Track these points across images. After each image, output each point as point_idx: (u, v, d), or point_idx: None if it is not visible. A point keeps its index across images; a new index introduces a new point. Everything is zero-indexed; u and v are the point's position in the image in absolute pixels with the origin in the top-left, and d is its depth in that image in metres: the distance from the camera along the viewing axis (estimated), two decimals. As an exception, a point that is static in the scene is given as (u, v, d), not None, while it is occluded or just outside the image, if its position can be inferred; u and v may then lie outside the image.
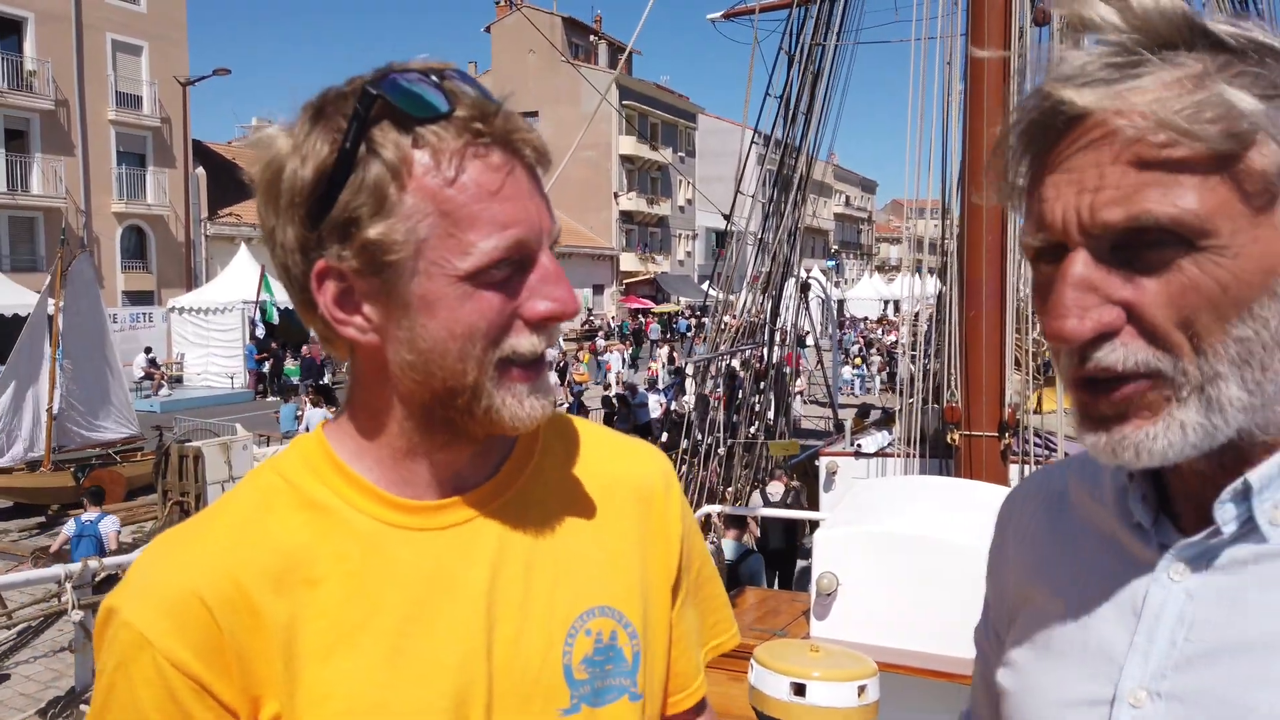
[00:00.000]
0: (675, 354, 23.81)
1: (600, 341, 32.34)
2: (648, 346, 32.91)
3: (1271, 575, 0.65)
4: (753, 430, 10.33)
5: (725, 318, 11.31)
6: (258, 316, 22.62)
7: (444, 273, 0.75)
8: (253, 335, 23.21)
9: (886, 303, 40.36)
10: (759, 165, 11.18)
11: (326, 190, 0.74)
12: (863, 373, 25.33)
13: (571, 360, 24.06)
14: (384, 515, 0.82)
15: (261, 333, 23.09)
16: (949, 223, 8.69)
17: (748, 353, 10.93)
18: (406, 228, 0.74)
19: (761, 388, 10.93)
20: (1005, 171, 0.69)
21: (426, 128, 0.74)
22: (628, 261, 49.90)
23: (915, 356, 8.33)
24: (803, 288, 12.36)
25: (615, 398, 18.10)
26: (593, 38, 52.03)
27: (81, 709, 5.56)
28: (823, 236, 64.37)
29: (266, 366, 23.30)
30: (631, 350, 30.28)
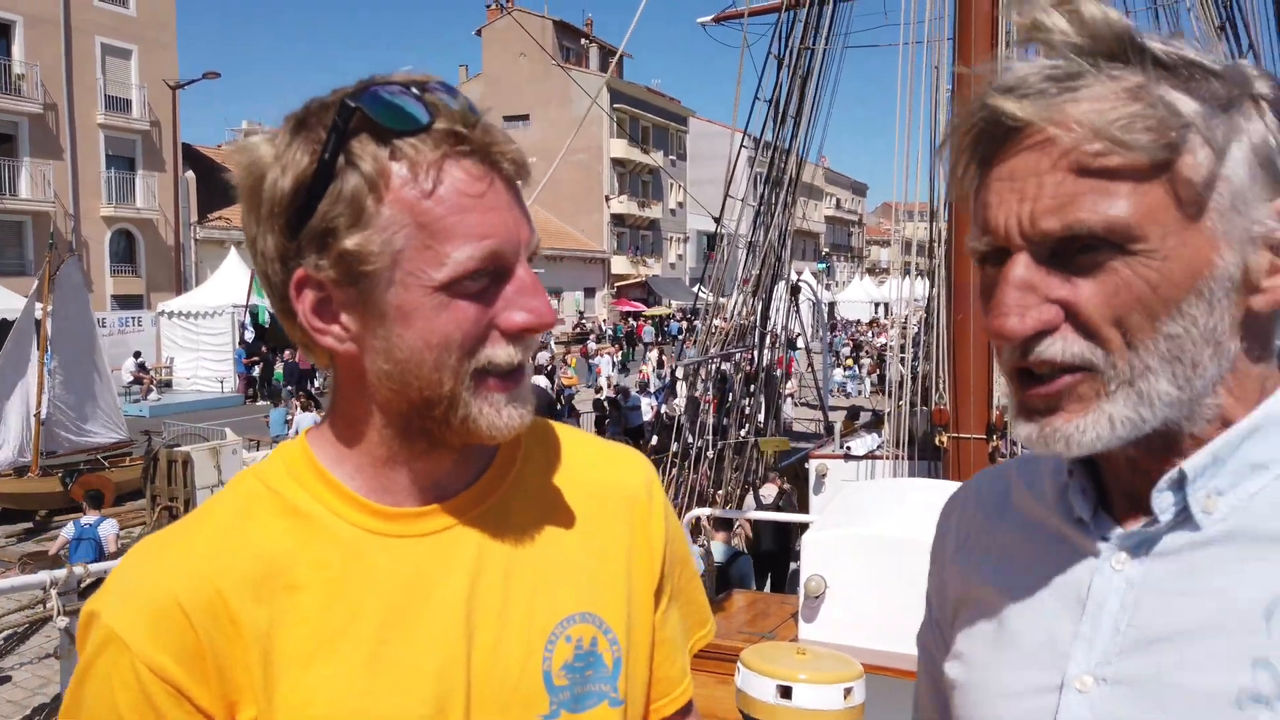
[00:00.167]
0: (665, 357, 23.79)
1: (591, 345, 32.33)
2: (640, 350, 32.90)
3: (1204, 562, 0.69)
4: (743, 433, 10.35)
5: (716, 320, 11.33)
6: (248, 320, 22.55)
7: (419, 283, 0.76)
8: (242, 339, 23.12)
9: (877, 305, 40.45)
10: (749, 168, 11.21)
11: (305, 200, 0.75)
12: (855, 373, 25.39)
13: (560, 364, 24.03)
14: (364, 522, 0.83)
15: (251, 336, 23.00)
16: (937, 226, 8.74)
17: (738, 355, 10.95)
18: (383, 239, 0.75)
19: (752, 390, 10.94)
20: (953, 175, 0.73)
21: (404, 140, 0.75)
22: (619, 264, 49.90)
23: (904, 359, 8.36)
24: (793, 290, 12.39)
25: (606, 400, 18.08)
26: (584, 41, 52.06)
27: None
28: (813, 239, 64.51)
29: (256, 371, 23.22)
30: (623, 354, 30.26)
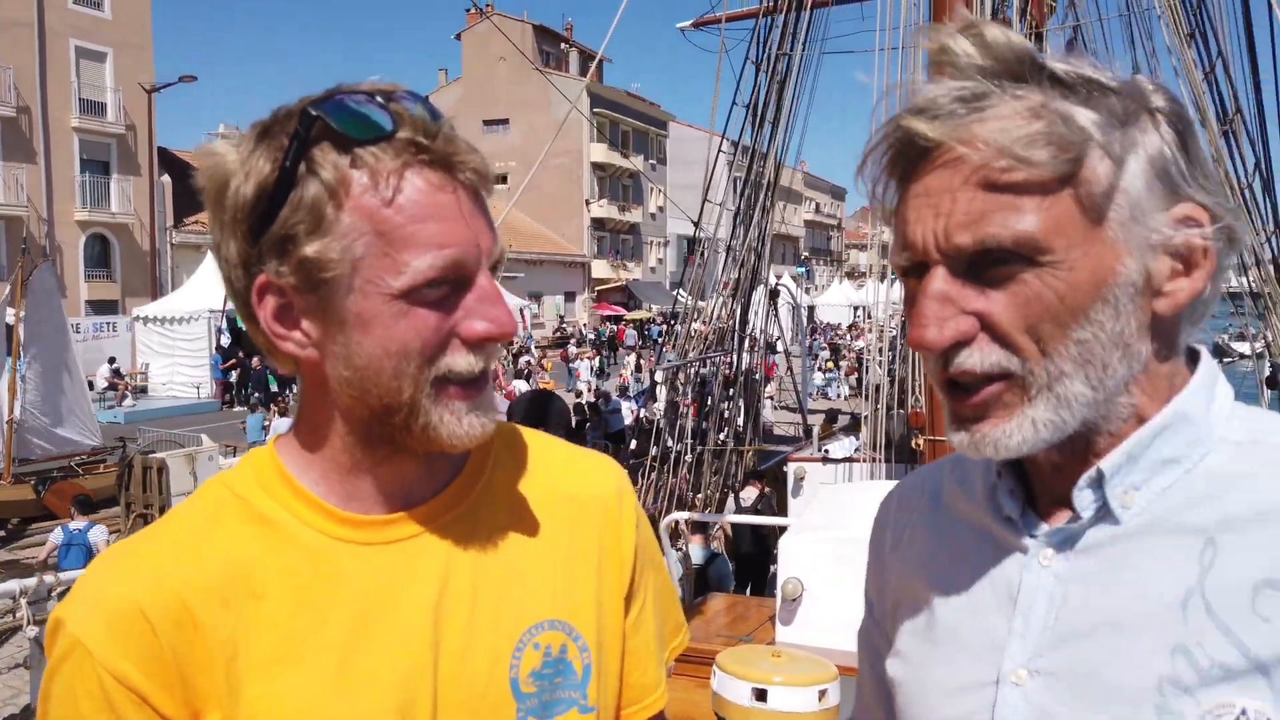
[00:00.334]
0: (644, 361, 23.78)
1: (572, 349, 32.27)
2: (621, 354, 32.87)
3: (1124, 555, 0.72)
4: (722, 437, 10.37)
5: (695, 324, 11.34)
6: (224, 325, 22.34)
7: (379, 291, 0.76)
8: (218, 345, 22.91)
9: (856, 309, 40.63)
10: (728, 172, 11.24)
11: (267, 207, 0.76)
12: (835, 376, 25.50)
13: (536, 368, 23.99)
14: (331, 530, 0.83)
15: (227, 341, 22.80)
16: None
17: (717, 359, 10.97)
18: (342, 246, 0.76)
19: (731, 394, 10.97)
20: (872, 192, 0.75)
21: (366, 148, 0.75)
22: (599, 269, 49.89)
23: (881, 362, 8.41)
24: (772, 294, 12.43)
25: (586, 405, 18.05)
26: (563, 45, 52.05)
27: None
28: (793, 243, 64.75)
29: (233, 376, 23.02)
30: (601, 358, 30.22)
